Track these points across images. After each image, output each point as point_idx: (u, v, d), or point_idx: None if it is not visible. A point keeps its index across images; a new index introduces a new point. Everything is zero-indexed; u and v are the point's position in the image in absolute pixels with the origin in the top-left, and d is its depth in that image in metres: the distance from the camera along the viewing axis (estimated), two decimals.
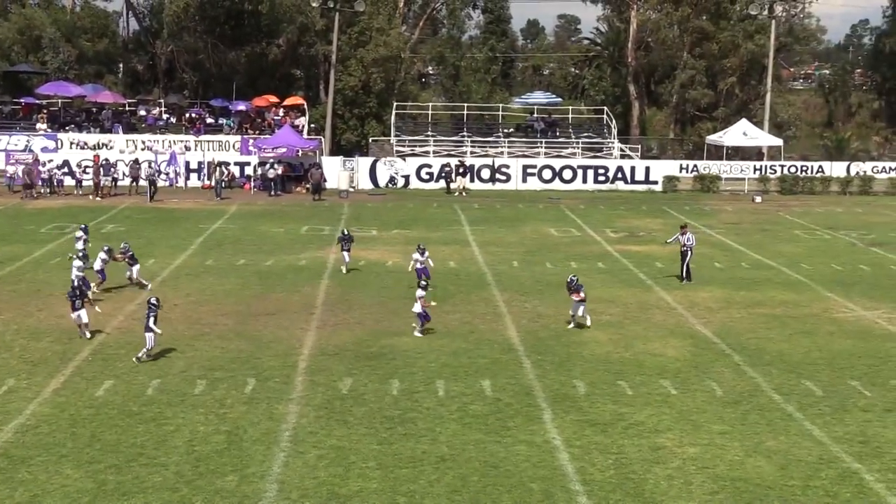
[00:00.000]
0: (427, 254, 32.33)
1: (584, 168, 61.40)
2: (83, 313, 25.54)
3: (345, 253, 34.71)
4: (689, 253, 33.81)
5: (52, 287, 31.15)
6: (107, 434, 19.53)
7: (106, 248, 31.46)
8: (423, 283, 27.68)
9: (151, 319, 23.97)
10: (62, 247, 37.52)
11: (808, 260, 38.42)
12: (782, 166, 62.98)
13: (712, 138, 66.54)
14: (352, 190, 57.78)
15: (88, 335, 25.62)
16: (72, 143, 58.81)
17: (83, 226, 34.48)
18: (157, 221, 46.37)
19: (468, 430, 19.81)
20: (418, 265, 31.93)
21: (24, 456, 18.52)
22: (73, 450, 18.80)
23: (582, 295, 27.18)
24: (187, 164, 58.77)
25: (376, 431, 19.78)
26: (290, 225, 45.82)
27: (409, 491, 17.01)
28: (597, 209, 52.41)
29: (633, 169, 61.65)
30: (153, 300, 24.38)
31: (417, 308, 26.62)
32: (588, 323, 27.33)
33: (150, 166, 55.23)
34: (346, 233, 35.56)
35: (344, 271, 34.44)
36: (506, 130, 66.10)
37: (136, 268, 31.96)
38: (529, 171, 61.02)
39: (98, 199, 52.47)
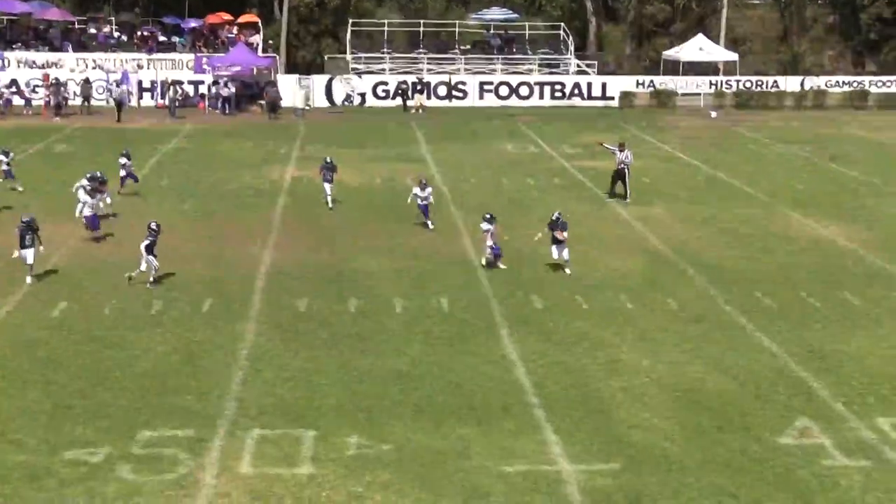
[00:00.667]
0: (430, 189, 29.61)
1: (541, 84, 61.10)
2: (29, 253, 23.72)
3: (326, 184, 31.71)
4: (627, 171, 33.32)
5: None
6: (62, 355, 19.41)
7: (88, 176, 29.23)
8: (488, 216, 25.64)
9: (145, 244, 23.42)
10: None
11: (764, 175, 38.61)
12: (738, 81, 62.98)
13: (668, 54, 66.33)
14: (308, 108, 57.15)
15: (29, 280, 23.90)
16: (20, 63, 57.62)
17: (4, 149, 33.85)
18: (111, 142, 45.65)
19: (427, 347, 19.89)
20: (419, 201, 29.24)
21: None
22: (30, 372, 18.67)
23: (565, 234, 25.03)
24: (140, 83, 57.82)
25: (334, 349, 19.81)
26: (245, 144, 45.35)
27: (368, 407, 17.09)
28: (554, 125, 52.24)
29: (589, 85, 61.42)
30: (153, 225, 23.87)
31: (489, 242, 25.43)
32: (568, 270, 24.95)
33: (117, 85, 54.36)
34: (328, 161, 32.20)
35: (329, 205, 31.62)
36: (462, 47, 65.47)
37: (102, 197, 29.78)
38: (486, 87, 60.64)
39: (57, 119, 51.54)
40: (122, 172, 32.46)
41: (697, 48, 64.52)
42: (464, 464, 15.11)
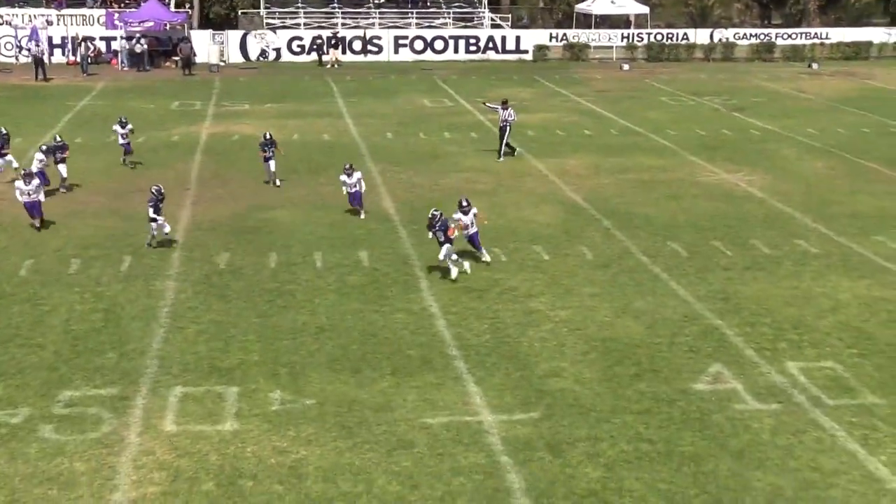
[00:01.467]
0: (359, 175, 25.73)
1: (456, 38, 60.90)
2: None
3: (270, 162, 28.78)
4: (508, 128, 32.70)
5: None
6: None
7: (43, 148, 28.41)
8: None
9: (151, 210, 22.73)
10: None
11: (673, 126, 39.05)
12: (649, 34, 63.43)
13: (581, 7, 66.57)
14: (222, 64, 56.35)
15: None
16: None
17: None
18: (22, 99, 44.65)
19: (346, 301, 19.86)
20: (347, 189, 25.70)
21: None
22: None
23: (456, 233, 21.20)
24: (50, 39, 56.36)
25: (255, 305, 19.70)
26: (160, 101, 44.59)
27: (290, 362, 17.05)
28: (469, 79, 52.18)
29: (503, 39, 61.38)
30: (153, 188, 23.20)
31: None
32: (453, 275, 21.09)
33: (36, 45, 52.89)
34: (268, 136, 29.11)
35: (277, 184, 28.85)
36: (377, 2, 64.94)
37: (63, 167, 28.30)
38: (401, 42, 60.29)
39: None
40: (121, 140, 30.79)
41: (609, 1, 64.81)
42: (386, 416, 15.18)
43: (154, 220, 22.76)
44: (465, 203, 21.80)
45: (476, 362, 17.08)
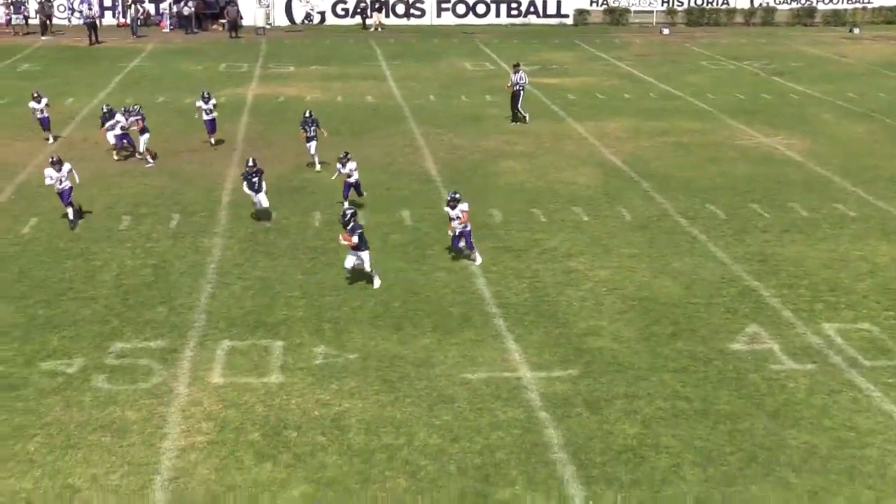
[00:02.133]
0: (353, 164, 23.08)
1: (497, 2, 60.40)
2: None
3: (311, 143, 26.49)
4: (521, 92, 32.28)
5: None
6: (35, 270, 19.28)
7: (124, 109, 27.62)
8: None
9: (245, 185, 21.80)
10: None
11: (713, 90, 38.64)
12: None
13: None
14: (268, 27, 56.35)
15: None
16: None
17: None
18: (74, 60, 44.92)
19: (389, 259, 19.90)
20: (345, 179, 23.22)
21: None
22: (2, 286, 18.57)
23: (355, 239, 18.21)
24: (101, 1, 56.56)
25: (300, 262, 19.80)
26: (207, 63, 44.69)
27: (334, 317, 17.15)
28: (510, 43, 51.86)
29: (544, 3, 60.79)
30: (249, 162, 21.93)
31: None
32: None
33: (89, 7, 53.08)
34: (309, 114, 26.55)
35: (317, 167, 26.30)
36: None
37: (145, 137, 27.13)
38: (444, 5, 59.93)
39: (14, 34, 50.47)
40: (205, 116, 29.08)
41: None
42: (427, 371, 15.24)
43: (252, 192, 21.79)
44: (453, 196, 19.66)
45: (515, 320, 17.09)
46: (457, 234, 19.61)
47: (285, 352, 15.88)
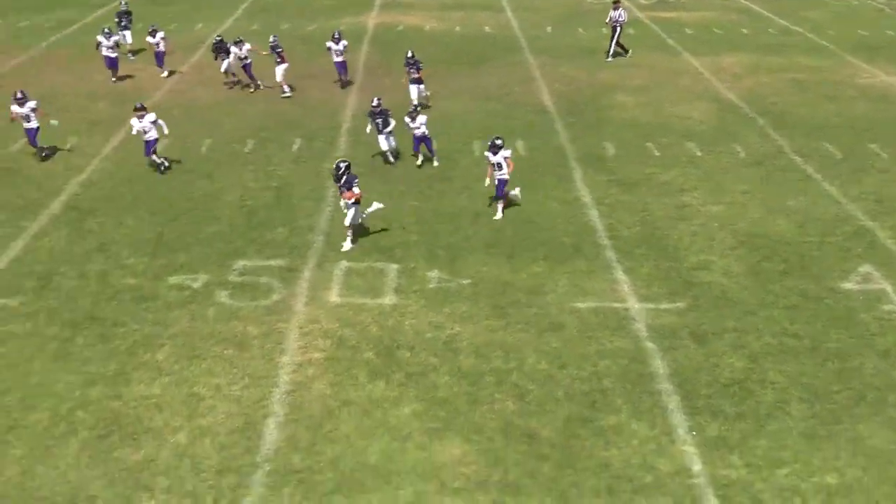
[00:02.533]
0: (423, 118, 21.04)
1: None
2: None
3: (414, 86, 24.86)
4: (619, 29, 31.34)
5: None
6: (165, 190, 19.72)
7: (237, 40, 26.96)
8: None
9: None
10: (113, 13, 36.95)
11: (833, 25, 37.24)
12: None
13: None
14: None
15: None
16: None
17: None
18: None
19: None
20: (413, 132, 21.09)
21: (91, 208, 18.82)
22: (134, 203, 19.06)
23: (356, 192, 17.04)
24: None
25: (416, 189, 19.85)
26: None
27: (448, 244, 17.19)
28: None
29: None
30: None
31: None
32: (345, 247, 17.05)
33: None
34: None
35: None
36: None
37: (283, 67, 26.52)
38: None
39: None
40: (335, 58, 27.43)
41: None
42: (538, 299, 15.22)
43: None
44: (495, 141, 18.29)
45: (625, 252, 16.91)
46: (500, 181, 18.32)
47: (400, 275, 16.00)
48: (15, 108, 21.16)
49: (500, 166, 18.22)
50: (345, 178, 16.99)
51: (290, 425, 12.09)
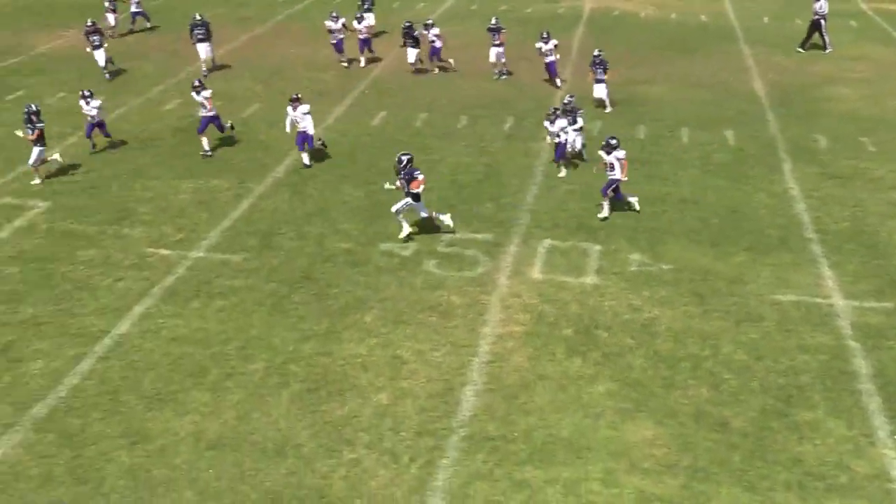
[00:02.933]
0: (563, 123, 19.63)
1: None
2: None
3: (600, 85, 23.70)
4: (822, 21, 29.49)
5: None
6: (381, 160, 20.17)
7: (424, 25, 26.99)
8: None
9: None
10: None
11: None
12: None
13: None
14: None
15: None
16: None
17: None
18: None
19: (709, 177, 19.34)
20: (559, 139, 19.73)
21: (311, 174, 19.49)
22: (352, 172, 19.60)
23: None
24: None
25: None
26: None
27: (651, 227, 16.93)
28: None
29: None
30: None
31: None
32: (402, 233, 16.62)
33: None
34: (598, 53, 23.32)
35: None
36: None
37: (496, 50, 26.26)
38: None
39: None
40: (548, 59, 26.03)
41: None
42: (739, 288, 14.81)
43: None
44: (610, 141, 17.31)
45: (833, 247, 16.22)
46: (609, 180, 17.36)
47: (602, 256, 15.88)
48: (194, 95, 20.65)
49: (612, 167, 17.33)
50: (407, 169, 16.45)
51: (487, 394, 12.22)
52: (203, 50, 26.29)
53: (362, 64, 27.45)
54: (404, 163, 16.51)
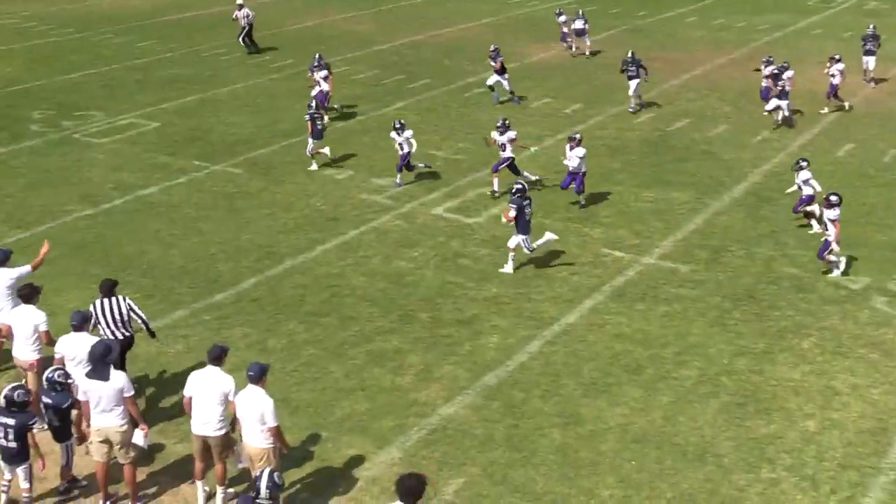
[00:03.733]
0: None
1: None
2: None
3: (633, 82, 24.24)
4: None
5: None
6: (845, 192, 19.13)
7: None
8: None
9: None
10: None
11: None
12: None
13: None
14: None
15: None
16: None
17: None
18: None
19: None
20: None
21: (769, 197, 19.05)
22: None
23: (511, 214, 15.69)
24: None
25: None
26: None
27: None
28: None
29: None
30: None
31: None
32: (507, 268, 15.91)
33: None
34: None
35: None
36: None
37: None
38: None
39: None
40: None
41: None
42: None
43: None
44: (831, 198, 15.40)
45: None
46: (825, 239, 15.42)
47: None
48: (494, 135, 19.51)
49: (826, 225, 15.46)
50: (513, 198, 15.70)
51: None
52: (632, 85, 24.81)
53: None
54: (514, 191, 15.72)
